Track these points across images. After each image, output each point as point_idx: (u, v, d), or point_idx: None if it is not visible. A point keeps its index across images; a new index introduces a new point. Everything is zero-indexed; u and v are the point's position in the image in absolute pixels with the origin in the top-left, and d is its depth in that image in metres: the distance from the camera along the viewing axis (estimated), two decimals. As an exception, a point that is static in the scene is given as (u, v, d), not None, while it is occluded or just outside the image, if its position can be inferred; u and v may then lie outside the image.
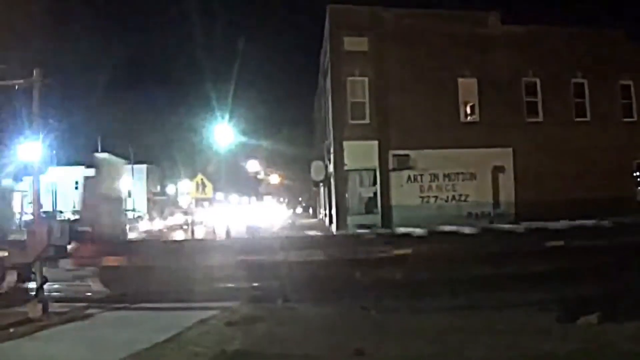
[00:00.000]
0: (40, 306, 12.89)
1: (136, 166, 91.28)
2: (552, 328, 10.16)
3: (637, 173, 37.30)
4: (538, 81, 36.18)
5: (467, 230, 29.39)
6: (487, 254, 21.70)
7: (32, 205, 30.36)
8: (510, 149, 34.89)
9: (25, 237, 14.88)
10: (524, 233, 28.53)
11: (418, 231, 30.56)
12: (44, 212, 54.93)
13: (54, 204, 72.80)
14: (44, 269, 13.92)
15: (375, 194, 34.82)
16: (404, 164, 34.15)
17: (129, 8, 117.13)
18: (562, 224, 29.03)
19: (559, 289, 13.39)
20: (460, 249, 22.58)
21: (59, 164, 73.50)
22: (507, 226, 30.48)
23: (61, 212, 68.07)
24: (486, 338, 9.83)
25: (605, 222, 29.44)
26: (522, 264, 18.34)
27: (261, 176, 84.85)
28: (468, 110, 36.21)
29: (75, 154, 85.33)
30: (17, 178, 38.29)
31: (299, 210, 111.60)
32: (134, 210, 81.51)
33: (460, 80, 35.58)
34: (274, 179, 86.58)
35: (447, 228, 31.07)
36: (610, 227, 28.50)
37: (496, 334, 10.02)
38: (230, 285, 15.67)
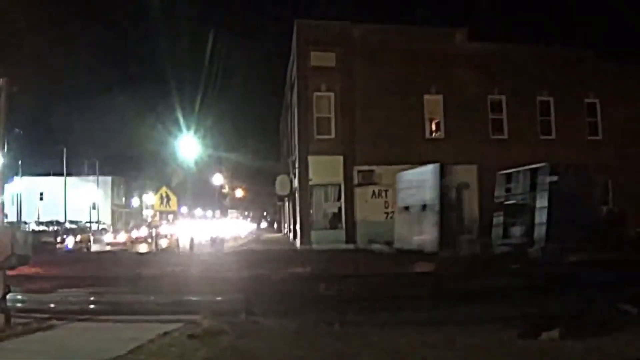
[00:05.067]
0: (2, 317, 12.60)
1: (101, 178, 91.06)
2: (514, 344, 10.11)
3: (600, 192, 37.62)
4: (504, 98, 36.54)
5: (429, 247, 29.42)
6: (452, 271, 21.81)
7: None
8: (475, 166, 35.03)
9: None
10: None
11: (378, 247, 30.58)
12: (9, 222, 54.44)
13: (19, 214, 72.09)
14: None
15: (339, 209, 34.84)
16: (368, 179, 34.23)
17: (94, 19, 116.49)
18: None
19: (523, 305, 13.35)
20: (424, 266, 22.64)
21: (24, 174, 73.06)
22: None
23: (26, 222, 67.44)
24: (446, 353, 9.75)
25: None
26: (487, 280, 18.33)
27: (226, 190, 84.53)
28: (433, 126, 36.45)
29: (40, 164, 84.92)
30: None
31: (264, 224, 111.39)
32: (98, 222, 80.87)
33: (426, 96, 35.85)
34: (239, 193, 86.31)
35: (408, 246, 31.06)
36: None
37: (456, 349, 9.94)
38: (193, 298, 15.45)
